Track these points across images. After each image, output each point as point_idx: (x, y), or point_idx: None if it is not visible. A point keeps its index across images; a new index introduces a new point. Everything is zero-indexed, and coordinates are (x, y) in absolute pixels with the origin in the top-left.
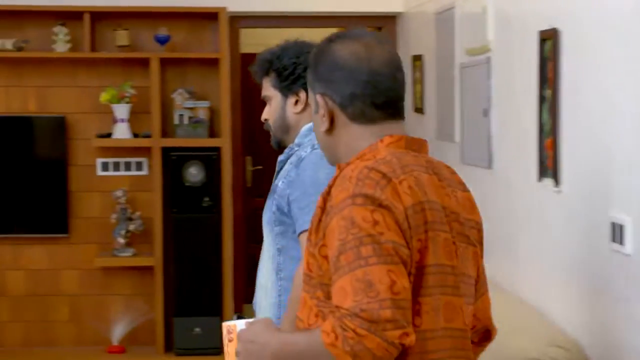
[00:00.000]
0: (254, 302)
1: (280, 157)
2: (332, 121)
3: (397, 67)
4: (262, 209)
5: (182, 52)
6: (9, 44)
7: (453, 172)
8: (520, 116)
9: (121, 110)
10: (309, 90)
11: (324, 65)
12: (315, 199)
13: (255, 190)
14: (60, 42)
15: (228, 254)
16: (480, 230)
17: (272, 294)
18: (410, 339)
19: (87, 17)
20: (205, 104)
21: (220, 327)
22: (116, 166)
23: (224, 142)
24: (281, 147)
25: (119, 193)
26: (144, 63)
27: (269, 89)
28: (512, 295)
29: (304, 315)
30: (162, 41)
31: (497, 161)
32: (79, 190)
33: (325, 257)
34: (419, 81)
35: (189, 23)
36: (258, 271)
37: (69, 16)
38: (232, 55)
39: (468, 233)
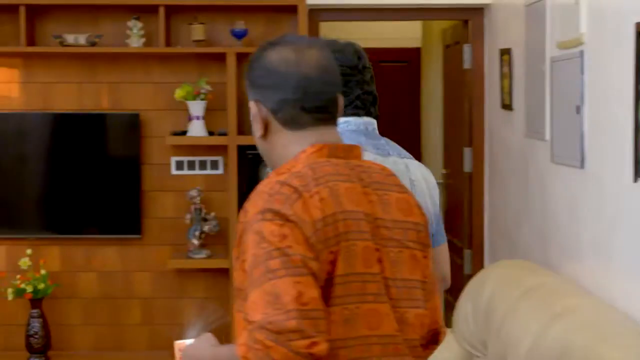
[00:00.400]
0: None
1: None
2: (266, 127)
3: (327, 70)
4: None
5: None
6: (82, 39)
7: (389, 174)
8: (615, 113)
9: (196, 107)
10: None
11: (256, 72)
12: None
13: None
14: (135, 36)
15: None
16: (421, 231)
17: None
18: (320, 348)
19: (162, 11)
20: None
21: None
22: (191, 165)
23: None
24: None
25: (193, 193)
26: (220, 58)
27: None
28: (602, 301)
29: (237, 329)
30: (239, 35)
31: (589, 160)
32: (153, 189)
33: (245, 272)
34: (506, 76)
35: (267, 16)
36: None
37: (143, 10)
38: None
39: (400, 236)
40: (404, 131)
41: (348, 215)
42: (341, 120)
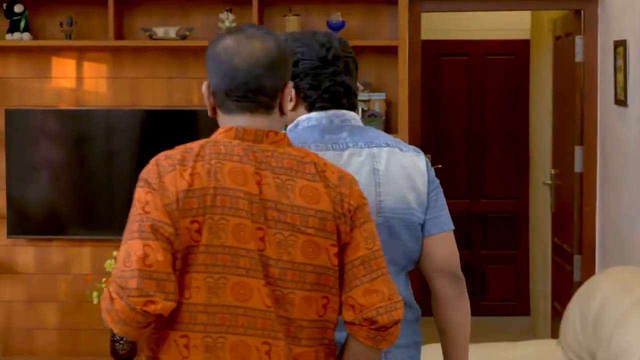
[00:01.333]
0: None
1: None
2: (213, 108)
3: (259, 63)
4: None
5: (357, 39)
6: (172, 32)
7: (307, 163)
8: None
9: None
10: None
11: (207, 56)
12: None
13: None
14: (227, 29)
15: None
16: (324, 219)
17: None
18: (155, 307)
19: (255, 3)
20: (380, 96)
21: None
22: None
23: (401, 138)
24: None
25: None
26: None
27: None
28: None
29: None
30: (336, 28)
31: None
32: None
33: None
34: (621, 70)
35: (365, 7)
36: None
37: (236, 2)
38: (411, 42)
39: (295, 221)
40: (510, 128)
41: (224, 192)
42: (303, 117)
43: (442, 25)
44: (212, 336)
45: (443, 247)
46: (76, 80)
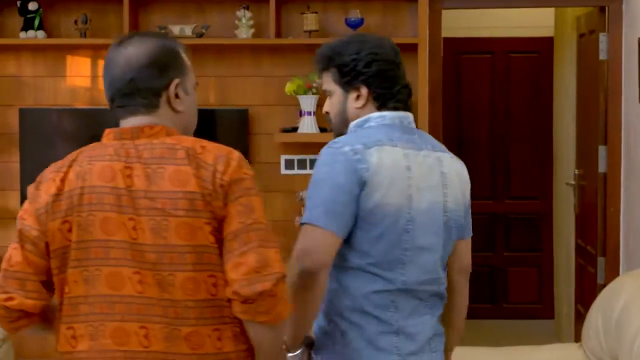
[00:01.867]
0: None
1: None
2: None
3: (132, 68)
4: None
5: None
6: (188, 30)
7: (175, 150)
8: None
9: (308, 102)
10: None
11: None
12: (310, 194)
13: None
14: (243, 27)
15: None
16: (193, 199)
17: None
18: (13, 303)
19: (272, 0)
20: None
21: None
22: (301, 164)
23: None
24: None
25: (303, 194)
26: None
27: (329, 84)
28: None
29: None
30: (354, 25)
31: None
32: (261, 190)
33: None
34: None
35: (384, 5)
36: None
37: None
38: (432, 40)
39: (166, 206)
40: (534, 127)
41: (92, 189)
42: (375, 114)
43: (464, 23)
44: (94, 324)
45: (469, 251)
46: (91, 79)
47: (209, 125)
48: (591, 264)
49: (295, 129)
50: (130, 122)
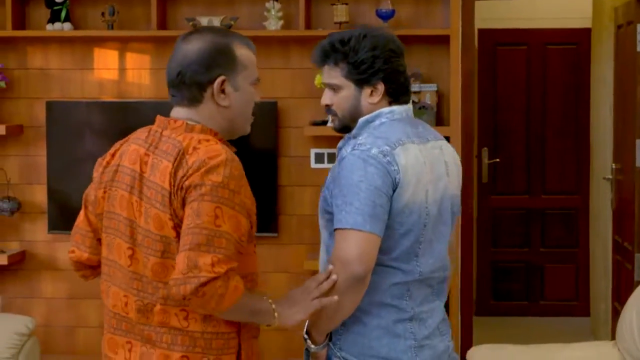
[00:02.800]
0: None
1: (339, 145)
2: None
3: (183, 63)
4: (502, 208)
5: (408, 28)
6: (216, 21)
7: (175, 147)
8: None
9: None
10: None
11: None
12: (347, 200)
13: (493, 186)
14: (273, 19)
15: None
16: (164, 195)
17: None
18: (72, 255)
19: None
20: (432, 87)
21: None
22: (331, 158)
23: (453, 132)
24: (348, 132)
25: None
26: None
27: (338, 78)
28: None
29: None
30: (385, 16)
31: None
32: (290, 184)
33: None
34: None
35: None
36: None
37: None
38: (464, 31)
39: (149, 194)
40: (571, 121)
41: (122, 169)
42: (386, 109)
43: (499, 14)
44: (105, 284)
45: (454, 227)
46: (119, 71)
47: None
48: (628, 261)
49: (325, 122)
50: (174, 112)
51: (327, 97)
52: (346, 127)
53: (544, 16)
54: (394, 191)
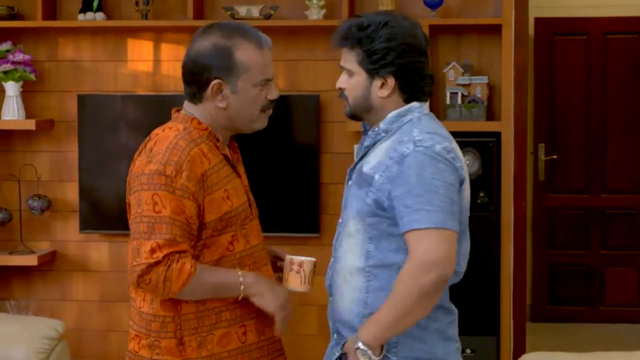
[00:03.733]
0: (330, 279)
1: (366, 143)
2: None
3: (188, 59)
4: (560, 207)
5: (457, 17)
6: (255, 11)
7: (151, 139)
8: None
9: None
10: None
11: None
12: (424, 199)
13: (550, 185)
14: (315, 7)
15: (507, 262)
16: (129, 191)
17: (359, 278)
18: None
19: None
20: (483, 79)
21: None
22: None
23: (505, 126)
24: (357, 120)
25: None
26: None
27: (352, 63)
28: None
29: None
30: (433, 5)
31: None
32: (333, 182)
33: None
34: None
35: None
36: (336, 251)
37: None
38: (517, 20)
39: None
40: (633, 115)
41: None
42: (415, 105)
43: (556, 1)
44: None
45: None
46: (153, 63)
47: (278, 112)
48: None
49: None
50: (184, 104)
51: (342, 80)
52: (355, 116)
53: (605, 4)
54: (460, 187)
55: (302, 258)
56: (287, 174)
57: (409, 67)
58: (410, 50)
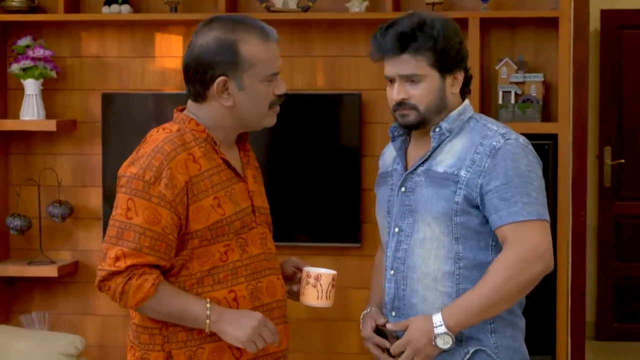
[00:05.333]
0: (393, 293)
1: (433, 144)
2: None
3: (188, 57)
4: (628, 215)
5: (512, 9)
6: (292, 3)
7: (143, 142)
8: None
9: None
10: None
11: None
12: (522, 191)
13: (617, 191)
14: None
15: (564, 274)
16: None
17: (447, 283)
18: None
19: None
20: (538, 77)
21: None
22: None
23: (562, 128)
24: (423, 127)
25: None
26: (461, 25)
27: (421, 68)
28: None
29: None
30: None
31: None
32: (373, 187)
33: None
34: None
35: None
36: (406, 260)
37: None
38: (577, 12)
39: None
40: None
41: None
42: (467, 102)
43: None
44: None
45: None
46: (183, 59)
47: (317, 111)
48: None
49: None
50: (187, 105)
51: (402, 91)
52: (423, 122)
53: None
54: None
55: (320, 270)
56: (326, 179)
57: (466, 62)
58: (463, 44)
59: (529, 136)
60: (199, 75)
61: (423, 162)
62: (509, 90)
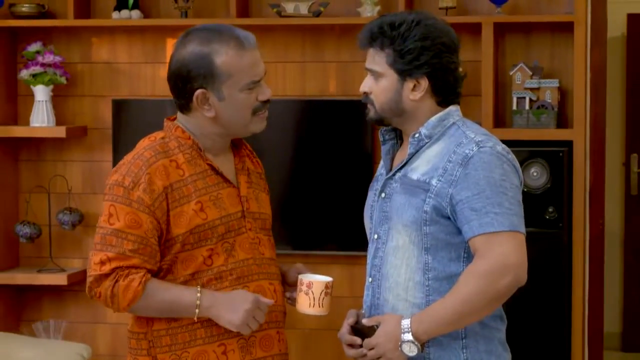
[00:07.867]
0: (370, 301)
1: (410, 150)
2: None
3: (169, 70)
4: None
5: (527, 13)
6: (304, 7)
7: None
8: None
9: None
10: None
11: None
12: (494, 201)
13: None
14: (368, 4)
15: (579, 284)
16: None
17: (417, 294)
18: None
19: None
20: (553, 83)
21: None
22: None
23: (578, 135)
24: (383, 125)
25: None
26: (474, 30)
27: (381, 65)
28: None
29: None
30: (499, 1)
31: None
32: None
33: None
34: None
35: None
36: (381, 268)
37: None
38: (594, 17)
39: None
40: None
41: None
42: (454, 108)
43: None
44: None
45: None
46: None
47: (328, 118)
48: None
49: None
50: (177, 115)
51: (366, 84)
52: (381, 120)
53: None
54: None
55: (314, 277)
56: (337, 186)
57: (444, 68)
58: (445, 50)
59: (543, 143)
60: (179, 89)
61: (400, 168)
62: (524, 96)
